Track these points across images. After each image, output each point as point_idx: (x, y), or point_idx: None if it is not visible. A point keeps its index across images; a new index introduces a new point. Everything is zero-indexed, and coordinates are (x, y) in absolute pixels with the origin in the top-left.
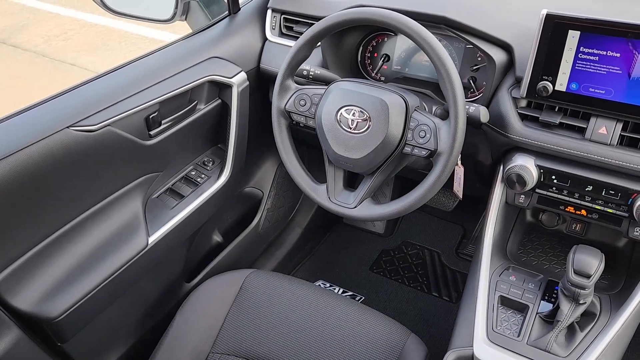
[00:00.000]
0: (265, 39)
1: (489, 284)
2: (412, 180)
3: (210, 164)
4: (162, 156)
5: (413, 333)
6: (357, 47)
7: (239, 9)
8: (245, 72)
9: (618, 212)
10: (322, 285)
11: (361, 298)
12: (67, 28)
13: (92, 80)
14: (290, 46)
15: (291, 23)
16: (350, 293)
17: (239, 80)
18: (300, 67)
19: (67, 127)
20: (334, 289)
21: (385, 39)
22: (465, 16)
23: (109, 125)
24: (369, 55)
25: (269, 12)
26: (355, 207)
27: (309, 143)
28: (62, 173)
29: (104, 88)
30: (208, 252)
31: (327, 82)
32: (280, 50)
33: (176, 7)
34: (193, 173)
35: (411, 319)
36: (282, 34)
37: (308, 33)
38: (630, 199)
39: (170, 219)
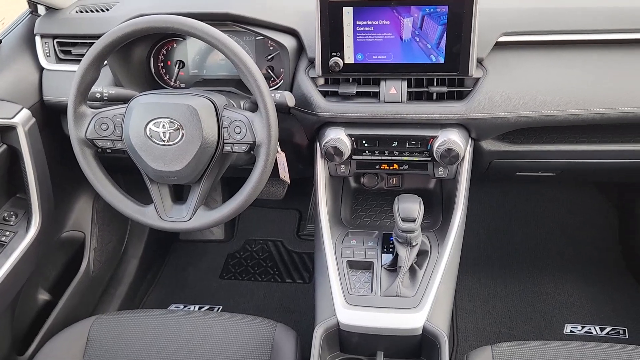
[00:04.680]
0: (41, 69)
1: (335, 253)
2: (239, 178)
3: (13, 218)
4: None
5: (279, 323)
6: (147, 59)
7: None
8: (28, 109)
9: (422, 158)
10: (175, 309)
11: (219, 308)
12: None
13: None
14: (74, 71)
15: (68, 46)
16: (207, 307)
17: (22, 119)
18: (92, 90)
19: None
20: (189, 308)
21: (175, 45)
22: (248, 9)
23: None
24: (162, 64)
25: (38, 38)
26: (190, 218)
27: (122, 167)
28: None
29: None
30: (38, 314)
31: (125, 100)
32: (63, 78)
33: None
34: None
35: (274, 311)
36: (60, 60)
37: (91, 53)
38: (429, 144)
39: None
